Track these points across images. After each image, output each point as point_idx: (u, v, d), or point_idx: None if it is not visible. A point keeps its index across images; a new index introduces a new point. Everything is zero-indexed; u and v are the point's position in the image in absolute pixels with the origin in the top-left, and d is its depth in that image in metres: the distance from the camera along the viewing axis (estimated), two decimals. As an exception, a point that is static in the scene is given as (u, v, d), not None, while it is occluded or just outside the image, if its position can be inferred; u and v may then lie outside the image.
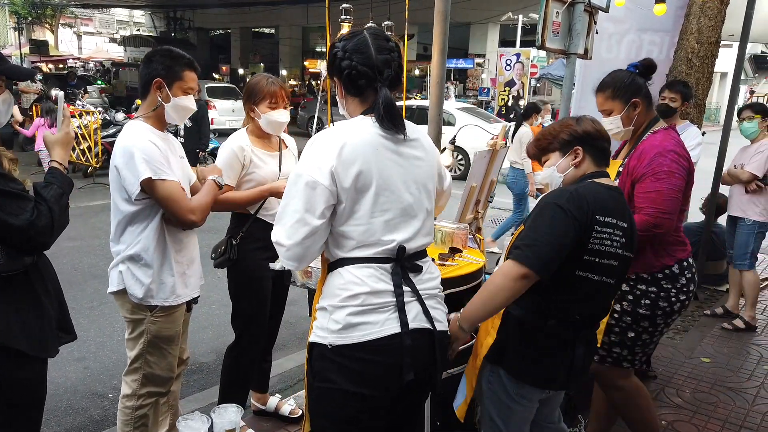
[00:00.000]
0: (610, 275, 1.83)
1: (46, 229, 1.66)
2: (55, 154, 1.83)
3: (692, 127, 4.22)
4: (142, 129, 2.18)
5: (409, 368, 1.57)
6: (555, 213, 1.75)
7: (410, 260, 1.65)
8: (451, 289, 2.23)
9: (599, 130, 1.92)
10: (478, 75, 24.48)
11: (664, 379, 3.65)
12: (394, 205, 1.60)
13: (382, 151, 1.59)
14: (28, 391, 1.77)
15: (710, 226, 5.23)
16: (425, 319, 1.63)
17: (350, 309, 1.56)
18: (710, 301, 5.09)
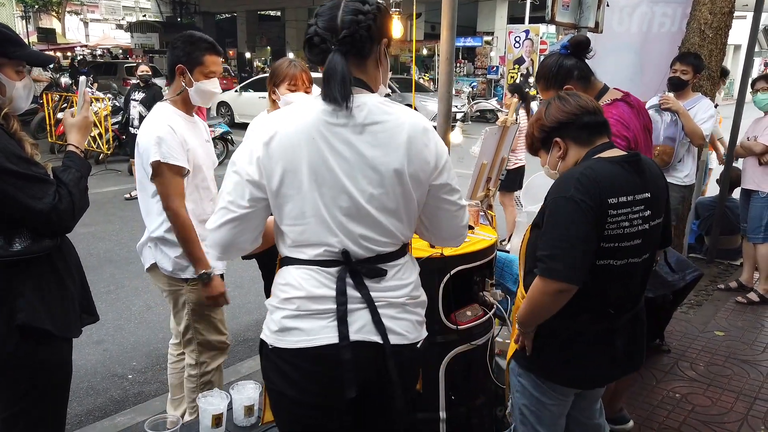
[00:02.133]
0: (636, 254, 1.71)
1: (68, 212, 1.68)
2: (72, 137, 1.85)
3: (704, 99, 4.17)
4: (167, 112, 2.29)
5: (351, 383, 1.41)
6: (568, 210, 1.62)
7: (368, 264, 1.45)
8: (463, 265, 2.24)
9: (570, 111, 1.74)
10: (487, 53, 24.21)
11: (678, 352, 3.65)
12: (338, 203, 1.40)
13: (321, 141, 1.38)
14: (54, 371, 1.81)
15: (724, 200, 5.19)
16: (373, 331, 1.43)
17: (286, 312, 1.44)
18: (724, 275, 5.06)
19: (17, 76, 1.76)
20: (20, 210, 1.62)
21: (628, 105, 2.34)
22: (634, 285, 1.79)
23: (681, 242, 4.86)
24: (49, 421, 1.86)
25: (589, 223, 1.61)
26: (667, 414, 3.00)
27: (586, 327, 1.75)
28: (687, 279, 3.28)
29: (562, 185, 1.67)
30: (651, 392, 3.20)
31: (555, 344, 1.79)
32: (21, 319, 1.67)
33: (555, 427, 1.93)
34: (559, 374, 1.82)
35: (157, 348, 3.91)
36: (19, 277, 1.69)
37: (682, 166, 4.14)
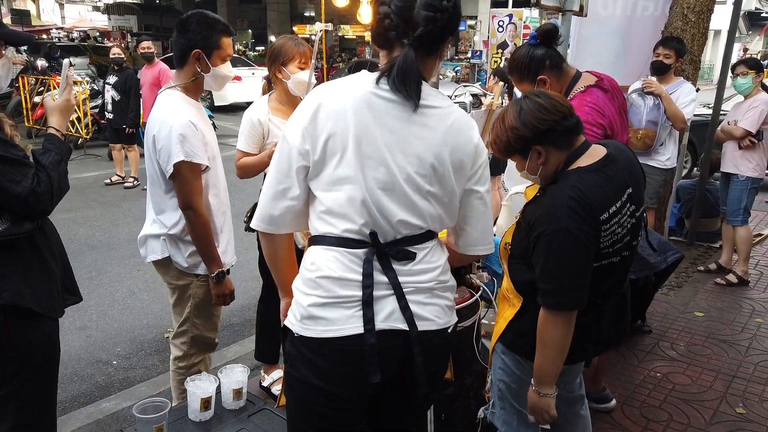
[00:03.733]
0: (627, 249, 1.76)
1: (46, 195, 1.65)
2: (53, 120, 1.82)
3: (686, 84, 4.21)
4: (178, 101, 2.17)
5: (375, 369, 1.38)
6: (568, 244, 1.59)
7: (397, 245, 1.42)
8: (450, 248, 2.25)
9: (550, 119, 1.65)
10: (470, 37, 24.15)
11: (659, 333, 3.72)
12: (376, 175, 1.38)
13: (369, 112, 1.38)
14: (41, 350, 1.80)
15: (704, 184, 5.26)
16: (401, 319, 1.41)
17: (313, 298, 1.41)
18: (704, 258, 5.16)
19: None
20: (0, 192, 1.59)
21: (602, 90, 2.35)
22: (623, 274, 1.84)
23: (662, 225, 4.92)
24: (41, 402, 1.86)
25: (590, 250, 1.62)
26: (648, 392, 3.06)
27: (577, 319, 1.73)
28: (668, 261, 3.34)
29: (554, 214, 1.62)
30: (633, 372, 3.27)
31: None
32: (5, 298, 1.66)
33: None
34: None
35: (142, 334, 3.89)
36: (1, 257, 1.67)
37: (664, 149, 4.18)
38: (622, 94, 2.51)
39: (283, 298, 1.63)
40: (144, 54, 7.34)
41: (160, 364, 3.55)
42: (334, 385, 1.43)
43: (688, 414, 2.88)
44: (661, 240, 3.41)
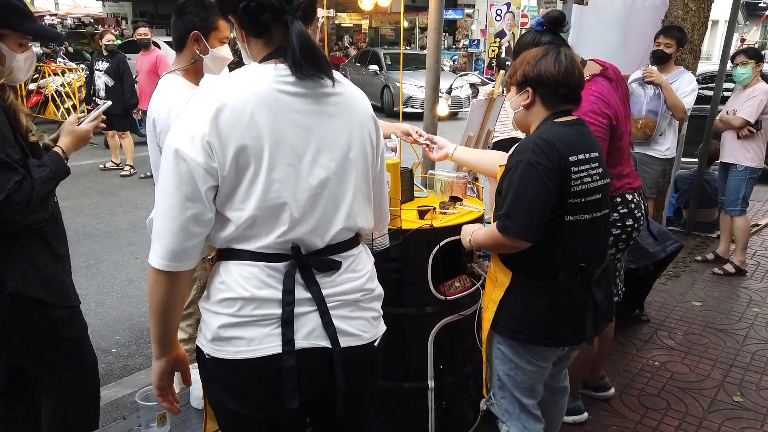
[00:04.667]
0: (598, 209, 1.81)
1: (21, 205, 1.64)
2: (64, 141, 1.85)
3: (686, 73, 4.20)
4: (179, 85, 2.18)
5: (293, 394, 1.27)
6: (526, 173, 1.69)
7: (320, 255, 1.31)
8: (452, 237, 2.25)
9: (554, 75, 1.74)
10: (468, 26, 24.05)
11: (657, 322, 3.74)
12: (298, 183, 1.25)
13: (282, 113, 1.22)
14: (63, 331, 1.88)
15: (702, 173, 5.27)
16: (323, 335, 1.30)
17: (223, 319, 1.27)
18: (701, 248, 5.17)
19: (20, 49, 1.76)
20: None
21: (606, 79, 2.34)
22: (601, 239, 1.88)
23: (660, 215, 4.93)
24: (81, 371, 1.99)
25: (545, 184, 1.68)
26: (646, 381, 3.08)
27: (564, 284, 1.80)
28: (668, 250, 3.36)
29: (521, 150, 1.75)
30: (631, 361, 3.28)
31: (539, 307, 1.82)
32: (11, 287, 1.69)
33: (532, 392, 1.97)
34: (549, 334, 1.84)
35: (140, 322, 3.88)
36: (9, 247, 1.69)
37: (664, 139, 4.18)
38: (626, 83, 2.50)
39: (161, 358, 1.36)
40: (140, 41, 7.27)
41: (160, 352, 3.54)
42: (252, 409, 1.32)
43: (686, 402, 2.90)
44: (660, 229, 3.43)
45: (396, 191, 2.28)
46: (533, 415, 1.98)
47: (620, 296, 2.57)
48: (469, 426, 2.49)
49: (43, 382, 1.95)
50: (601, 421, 2.73)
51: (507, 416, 2.00)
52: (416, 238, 2.19)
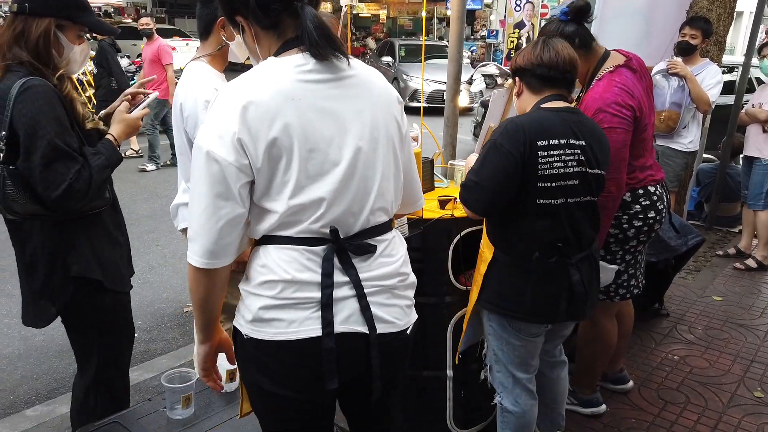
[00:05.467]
0: (574, 194, 1.85)
1: (81, 194, 1.71)
2: (115, 129, 1.90)
3: (712, 65, 4.13)
4: (206, 72, 2.20)
5: (333, 375, 1.30)
6: (490, 152, 1.81)
7: (356, 239, 1.33)
8: (472, 227, 2.25)
9: (528, 60, 1.88)
10: (487, 17, 23.82)
11: (676, 316, 3.71)
12: (330, 169, 1.27)
13: (306, 101, 1.24)
14: (111, 317, 1.96)
15: (725, 167, 5.20)
16: (360, 321, 1.32)
17: (264, 301, 1.29)
18: (723, 242, 5.11)
19: (77, 41, 1.82)
20: (41, 180, 1.66)
21: (630, 70, 2.32)
22: (579, 224, 1.90)
23: (681, 208, 4.88)
24: (118, 358, 2.06)
25: (506, 167, 1.78)
26: (665, 375, 3.06)
27: (538, 263, 1.87)
28: (689, 244, 3.32)
29: (495, 131, 1.87)
30: (650, 354, 3.27)
31: (515, 281, 1.91)
32: (75, 270, 1.80)
33: (526, 366, 2.06)
34: (522, 310, 1.91)
35: (161, 308, 3.94)
36: (73, 232, 1.79)
37: (687, 132, 4.13)
38: (649, 75, 2.47)
39: (205, 343, 1.45)
40: (143, 30, 7.37)
41: (180, 337, 3.60)
42: (289, 390, 1.33)
43: (705, 397, 2.88)
44: (682, 223, 3.39)
45: (417, 181, 2.28)
46: (527, 389, 2.08)
47: (641, 289, 2.56)
48: (488, 416, 2.50)
49: (82, 364, 2.02)
50: (620, 414, 2.73)
51: (501, 389, 2.10)
52: (437, 227, 2.20)
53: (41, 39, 1.73)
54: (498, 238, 1.94)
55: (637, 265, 2.49)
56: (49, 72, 1.75)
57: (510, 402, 2.07)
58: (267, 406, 1.40)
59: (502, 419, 2.11)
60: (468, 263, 2.34)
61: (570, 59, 1.89)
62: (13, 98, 1.65)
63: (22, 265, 1.85)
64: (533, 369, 2.08)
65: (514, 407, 2.06)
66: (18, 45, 1.72)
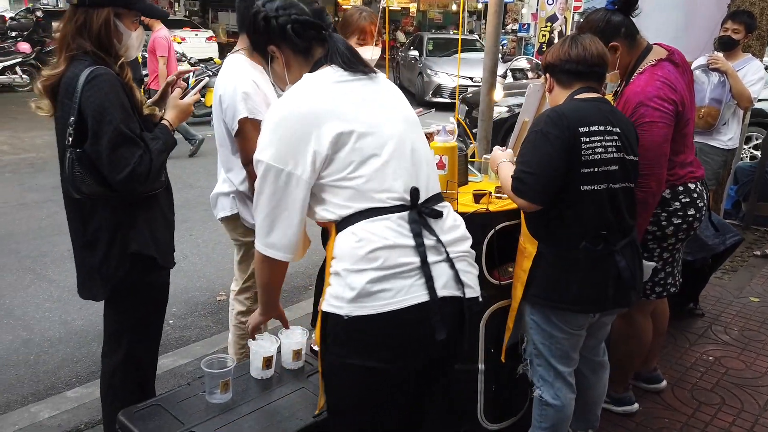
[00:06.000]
0: (615, 180, 1.89)
1: (143, 177, 1.82)
2: (170, 114, 2.01)
3: (754, 61, 4.03)
4: (244, 65, 2.26)
5: (441, 328, 1.38)
6: (537, 140, 1.85)
7: (427, 205, 1.46)
8: (507, 221, 2.24)
9: (556, 56, 1.95)
10: (518, 10, 23.53)
11: (712, 316, 3.65)
12: (385, 146, 1.43)
13: (349, 98, 1.44)
14: (155, 293, 2.09)
15: (764, 166, 5.07)
16: (455, 285, 1.44)
17: (370, 274, 1.35)
18: (760, 242, 4.99)
19: (133, 26, 1.90)
20: (107, 164, 1.77)
21: (673, 64, 2.28)
22: (621, 211, 1.93)
23: (718, 207, 4.78)
24: (149, 338, 2.14)
25: (555, 151, 1.82)
26: (700, 375, 3.02)
27: (586, 252, 1.89)
28: (727, 243, 3.26)
29: (536, 122, 1.92)
30: (684, 354, 3.22)
31: (563, 272, 1.92)
32: (133, 248, 1.90)
33: (567, 360, 2.07)
34: (571, 300, 1.93)
35: (195, 296, 4.03)
36: (133, 212, 1.89)
37: (727, 129, 4.04)
38: (691, 70, 2.43)
39: (263, 316, 1.74)
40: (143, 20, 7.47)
41: (213, 325, 3.68)
42: (388, 362, 1.40)
43: (741, 399, 2.83)
44: (721, 222, 3.33)
45: (453, 174, 2.28)
46: (568, 382, 2.09)
47: (678, 287, 2.52)
48: (518, 411, 2.50)
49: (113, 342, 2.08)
50: (652, 413, 2.70)
51: (541, 382, 2.11)
52: (472, 221, 2.18)
53: (102, 28, 1.82)
54: (542, 230, 1.95)
55: (674, 263, 2.46)
56: (111, 60, 1.85)
57: (550, 395, 2.08)
58: (353, 383, 1.46)
59: (540, 412, 2.12)
60: (502, 258, 2.33)
61: (598, 54, 1.93)
62: (81, 86, 1.75)
63: (81, 242, 1.95)
64: (574, 363, 2.09)
65: (554, 400, 2.07)
66: (81, 36, 1.82)
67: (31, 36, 13.22)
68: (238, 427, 1.74)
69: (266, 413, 1.81)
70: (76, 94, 1.75)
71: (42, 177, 6.52)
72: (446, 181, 2.31)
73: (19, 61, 11.91)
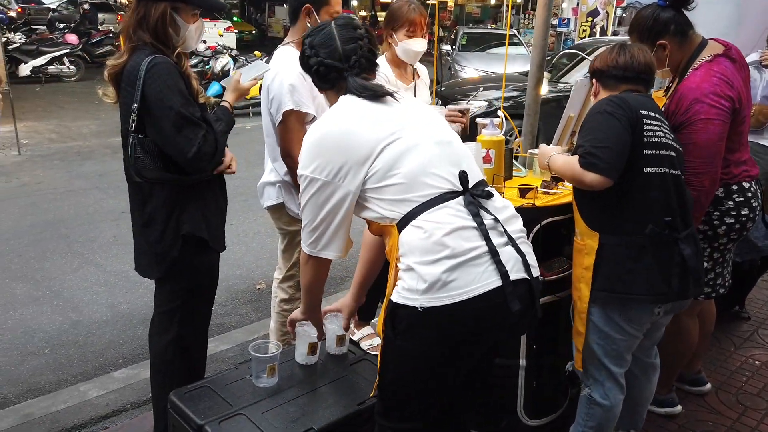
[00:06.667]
0: (673, 166, 1.90)
1: (209, 155, 1.92)
2: (229, 95, 2.13)
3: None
4: (292, 57, 2.29)
5: (513, 297, 1.44)
6: (603, 119, 1.84)
7: (477, 187, 1.55)
8: (554, 217, 2.23)
9: (605, 63, 1.99)
10: (558, 4, 23.11)
11: (758, 320, 3.55)
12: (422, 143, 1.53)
13: (382, 108, 1.57)
14: (206, 274, 2.17)
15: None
16: (522, 268, 1.50)
17: (443, 264, 1.41)
18: (810, 246, 4.82)
19: (192, 20, 1.99)
20: (174, 146, 1.87)
21: (730, 60, 2.22)
22: (682, 200, 1.92)
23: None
24: (199, 319, 2.22)
25: (623, 128, 1.82)
26: (745, 380, 2.95)
27: (652, 237, 1.86)
28: (778, 245, 3.15)
29: (594, 109, 1.92)
30: (729, 358, 3.14)
31: (628, 261, 1.88)
32: (185, 229, 1.98)
33: (621, 361, 2.04)
34: (638, 290, 1.89)
35: (235, 284, 4.11)
36: (186, 195, 1.98)
37: (779, 128, 3.90)
38: (747, 66, 2.36)
39: (305, 315, 1.88)
40: None
41: (253, 312, 3.75)
42: (458, 347, 1.48)
43: (789, 405, 2.75)
44: (772, 223, 3.23)
45: (499, 168, 2.28)
46: (619, 383, 2.06)
47: (727, 289, 2.46)
48: (558, 408, 2.48)
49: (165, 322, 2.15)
50: (696, 416, 2.65)
51: (592, 381, 2.09)
52: (518, 216, 2.19)
53: (159, 21, 1.91)
54: (604, 220, 1.92)
55: (725, 264, 2.40)
56: (168, 51, 1.94)
57: (600, 395, 2.05)
58: (417, 369, 1.52)
59: (587, 411, 2.10)
60: (546, 254, 2.32)
61: (646, 63, 1.96)
62: (142, 74, 1.84)
63: (140, 222, 2.06)
64: (627, 364, 2.06)
65: (603, 400, 2.05)
66: (141, 28, 1.92)
67: (78, 27, 13.59)
68: (285, 411, 1.78)
69: (311, 399, 1.85)
70: (138, 82, 1.85)
71: (89, 165, 6.72)
72: (492, 174, 2.31)
73: (66, 52, 12.26)
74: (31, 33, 13.01)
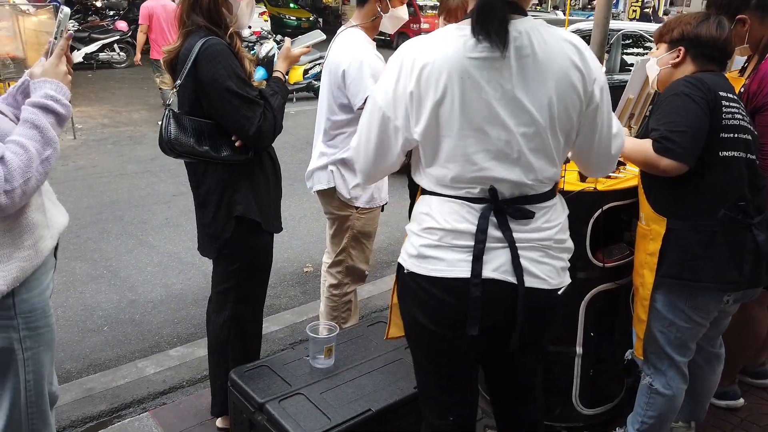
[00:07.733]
0: (749, 150, 1.84)
1: (269, 132, 1.95)
2: (281, 65, 2.14)
3: None
4: (363, 41, 2.32)
5: (475, 321, 1.38)
6: (680, 102, 1.76)
7: (514, 203, 1.39)
8: (615, 201, 2.16)
9: (715, 38, 1.85)
10: (607, -16, 22.42)
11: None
12: (487, 145, 1.35)
13: (467, 78, 1.31)
14: (259, 255, 2.19)
15: None
16: (510, 271, 1.38)
17: (426, 240, 1.42)
18: None
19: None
20: (234, 126, 1.89)
21: None
22: (754, 183, 1.86)
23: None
24: (254, 298, 2.26)
25: (702, 111, 1.75)
26: (813, 374, 2.82)
27: (724, 221, 1.81)
28: None
29: (671, 89, 1.83)
30: (794, 351, 3.01)
31: (698, 247, 1.82)
32: (238, 210, 2.00)
33: (684, 350, 1.99)
34: (707, 277, 1.83)
35: (283, 267, 4.16)
36: (238, 178, 1.98)
37: None
38: None
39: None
40: None
41: (301, 295, 3.79)
42: (438, 325, 1.45)
43: None
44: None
45: (559, 151, 2.22)
46: (681, 372, 2.01)
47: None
48: (614, 397, 2.43)
49: (221, 300, 2.19)
50: (759, 410, 2.56)
51: (653, 370, 2.04)
52: (578, 200, 2.12)
53: (212, 2, 1.92)
54: (674, 204, 1.86)
55: None
56: (222, 32, 1.94)
57: (662, 384, 2.01)
58: (418, 336, 1.53)
59: (648, 400, 2.05)
60: (606, 240, 2.25)
61: (732, 44, 1.93)
62: (196, 55, 1.86)
63: (197, 202, 2.11)
64: (691, 353, 2.01)
65: (665, 390, 2.00)
66: (194, 11, 1.93)
67: (127, 15, 13.88)
68: (342, 392, 1.79)
69: (368, 381, 1.86)
70: (189, 62, 1.88)
71: (140, 149, 6.89)
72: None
73: (116, 38, 12.57)
74: (84, 21, 13.38)
